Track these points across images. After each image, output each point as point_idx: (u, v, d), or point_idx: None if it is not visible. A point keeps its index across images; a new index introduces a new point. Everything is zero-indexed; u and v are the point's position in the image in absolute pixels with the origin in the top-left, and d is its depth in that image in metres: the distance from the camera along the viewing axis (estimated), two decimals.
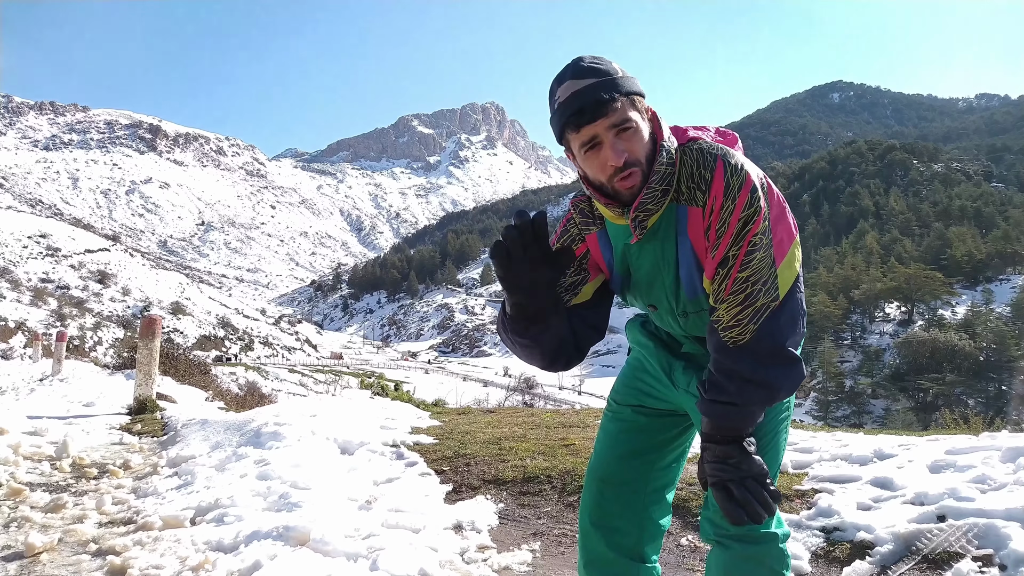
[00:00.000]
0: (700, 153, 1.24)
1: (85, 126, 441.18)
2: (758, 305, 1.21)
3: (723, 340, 1.23)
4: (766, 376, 1.20)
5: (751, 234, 1.19)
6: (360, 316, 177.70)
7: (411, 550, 2.46)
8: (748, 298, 1.21)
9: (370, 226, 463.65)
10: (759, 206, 1.20)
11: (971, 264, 69.84)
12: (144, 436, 5.22)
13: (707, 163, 1.22)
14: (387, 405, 5.78)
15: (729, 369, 1.22)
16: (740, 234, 1.19)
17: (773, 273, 1.22)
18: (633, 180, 1.21)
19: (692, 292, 1.32)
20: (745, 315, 1.21)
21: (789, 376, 1.22)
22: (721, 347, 1.23)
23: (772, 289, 1.22)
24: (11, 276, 67.55)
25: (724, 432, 1.23)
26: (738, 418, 1.22)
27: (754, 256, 1.20)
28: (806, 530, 2.60)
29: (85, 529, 2.69)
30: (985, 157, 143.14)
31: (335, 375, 51.83)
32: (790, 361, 1.22)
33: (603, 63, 1.22)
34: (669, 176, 1.23)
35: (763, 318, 1.21)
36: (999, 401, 38.03)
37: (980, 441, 3.46)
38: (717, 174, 1.21)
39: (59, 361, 10.88)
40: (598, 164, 1.21)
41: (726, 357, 1.23)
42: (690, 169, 1.24)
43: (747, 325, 1.21)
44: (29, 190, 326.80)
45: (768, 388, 1.21)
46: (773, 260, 1.23)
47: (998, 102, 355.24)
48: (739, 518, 1.18)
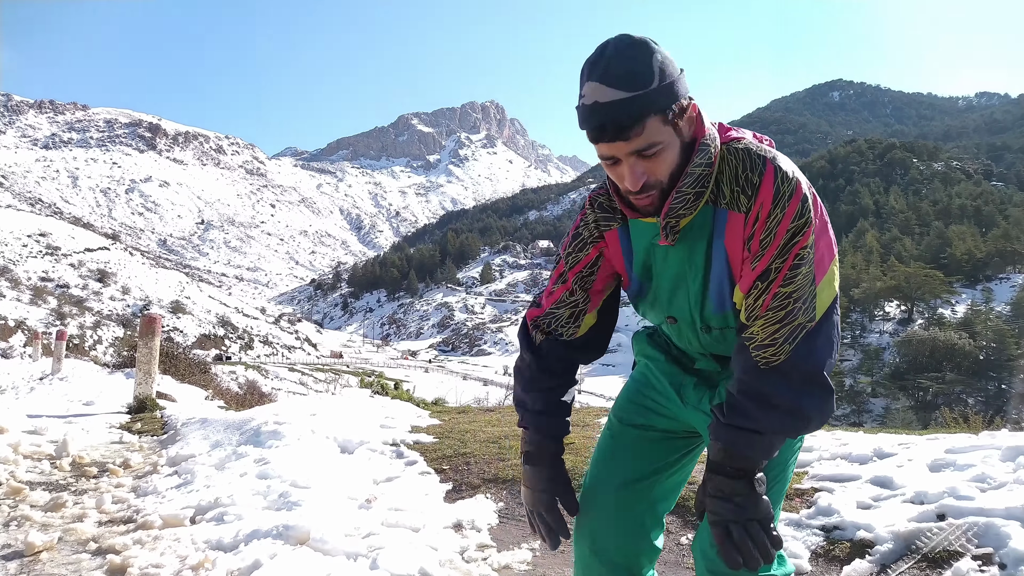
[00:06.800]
0: (747, 155, 1.13)
1: (85, 125, 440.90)
2: (795, 324, 1.11)
3: (754, 360, 1.12)
4: (799, 403, 1.10)
5: (798, 247, 1.09)
6: (360, 315, 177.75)
7: (411, 549, 2.46)
8: (788, 315, 1.11)
9: (370, 225, 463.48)
10: (809, 217, 1.10)
11: (971, 263, 69.83)
12: (144, 435, 5.22)
13: (755, 166, 1.12)
14: (387, 404, 5.77)
15: (758, 392, 1.11)
16: (787, 246, 1.09)
17: (812, 291, 1.12)
18: (651, 201, 1.13)
19: (720, 305, 1.21)
20: (782, 334, 1.11)
21: (822, 406, 1.12)
22: (751, 368, 1.13)
23: (810, 309, 1.12)
24: (11, 275, 67.54)
25: (737, 463, 1.12)
26: (758, 448, 1.11)
27: (799, 271, 1.10)
28: (806, 529, 2.60)
29: (85, 528, 2.69)
30: (985, 156, 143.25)
31: (335, 374, 51.81)
32: (824, 389, 1.12)
33: (641, 64, 1.04)
34: (705, 178, 1.13)
35: (799, 338, 1.11)
36: (999, 400, 37.96)
37: (980, 440, 3.45)
38: (766, 179, 1.10)
39: (59, 360, 10.89)
40: (615, 177, 1.14)
41: (756, 379, 1.12)
42: (735, 171, 1.14)
43: (783, 345, 1.11)
44: (29, 189, 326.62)
45: (798, 417, 1.11)
46: (814, 277, 1.13)
47: (998, 101, 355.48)
48: (734, 562, 1.10)
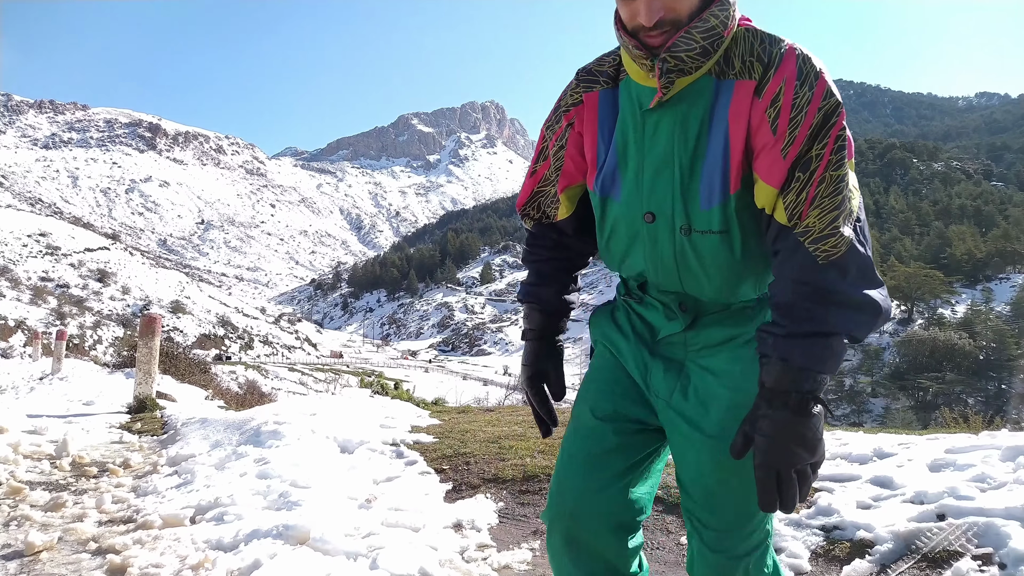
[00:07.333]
0: (767, 35, 1.05)
1: (85, 124, 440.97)
2: (848, 210, 0.99)
3: (813, 256, 0.98)
4: (862, 296, 0.97)
5: (837, 128, 0.98)
6: (360, 315, 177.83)
7: (411, 549, 2.46)
8: (843, 201, 0.98)
9: (370, 225, 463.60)
10: (839, 101, 0.99)
11: (971, 263, 69.90)
12: (144, 435, 5.22)
13: (776, 42, 1.03)
14: (387, 404, 5.77)
15: (820, 289, 0.97)
16: (824, 128, 0.98)
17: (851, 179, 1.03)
18: (662, 40, 1.03)
19: (709, 197, 1.05)
20: (841, 221, 0.98)
21: (883, 299, 0.99)
22: (810, 266, 0.98)
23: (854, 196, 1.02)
24: (11, 275, 67.59)
25: (803, 384, 0.95)
26: (829, 357, 0.96)
27: (842, 154, 0.99)
28: (806, 529, 2.60)
29: (85, 528, 2.68)
30: (985, 156, 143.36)
31: (335, 374, 51.82)
32: (878, 282, 1.00)
33: None
34: (716, 36, 1.02)
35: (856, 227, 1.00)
36: (999, 400, 37.99)
37: (980, 440, 3.46)
38: (788, 54, 1.01)
39: (59, 360, 10.90)
40: (629, 12, 1.04)
41: (816, 276, 0.97)
42: (750, 45, 1.04)
43: (842, 233, 0.97)
44: (29, 188, 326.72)
45: (865, 311, 0.97)
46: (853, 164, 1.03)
47: (998, 101, 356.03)
48: (771, 505, 0.98)
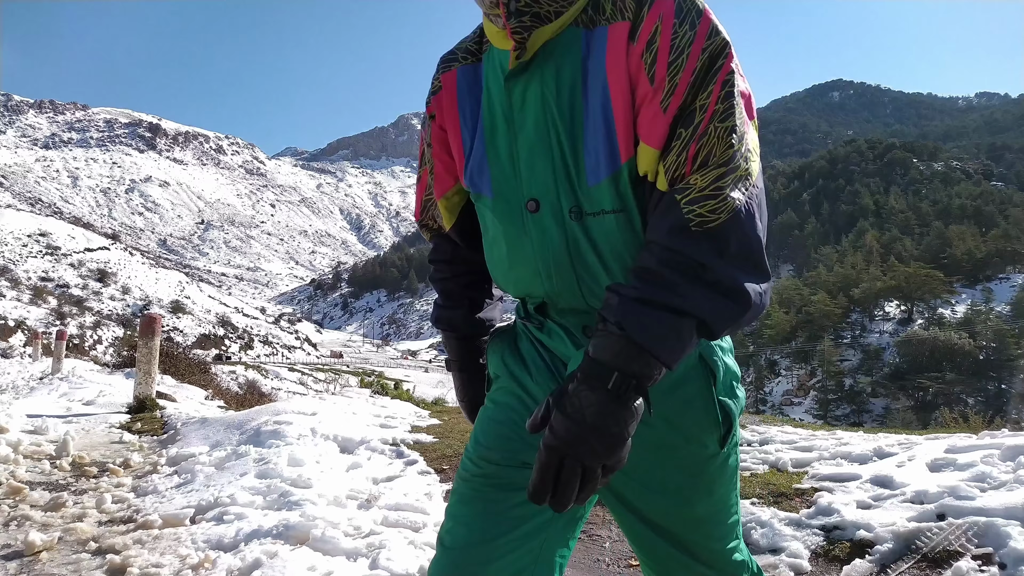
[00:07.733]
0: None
1: (85, 124, 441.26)
2: (741, 171, 0.81)
3: (685, 219, 0.79)
4: (739, 282, 0.78)
5: (724, 72, 0.83)
6: (360, 315, 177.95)
7: (411, 548, 2.46)
8: (734, 158, 0.81)
9: (370, 225, 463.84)
10: (726, 38, 0.84)
11: (971, 263, 69.95)
12: (144, 435, 5.22)
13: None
14: (387, 404, 5.78)
15: (689, 261, 0.78)
16: (708, 73, 0.82)
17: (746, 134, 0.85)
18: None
19: (596, 169, 0.88)
20: (728, 181, 0.80)
21: (762, 294, 0.80)
22: (680, 229, 0.79)
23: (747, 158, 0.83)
24: (11, 275, 67.63)
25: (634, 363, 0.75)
26: (674, 339, 0.76)
27: (732, 102, 0.82)
28: (806, 528, 2.60)
29: (85, 528, 2.68)
30: (985, 156, 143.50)
31: (335, 374, 51.80)
32: (764, 272, 0.81)
33: None
34: None
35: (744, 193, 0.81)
36: (999, 400, 38.02)
37: (980, 440, 3.46)
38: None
39: (59, 360, 10.90)
40: None
41: (686, 243, 0.78)
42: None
43: (727, 196, 0.79)
44: (29, 188, 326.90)
45: (738, 301, 0.78)
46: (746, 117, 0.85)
47: (998, 101, 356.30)
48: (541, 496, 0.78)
